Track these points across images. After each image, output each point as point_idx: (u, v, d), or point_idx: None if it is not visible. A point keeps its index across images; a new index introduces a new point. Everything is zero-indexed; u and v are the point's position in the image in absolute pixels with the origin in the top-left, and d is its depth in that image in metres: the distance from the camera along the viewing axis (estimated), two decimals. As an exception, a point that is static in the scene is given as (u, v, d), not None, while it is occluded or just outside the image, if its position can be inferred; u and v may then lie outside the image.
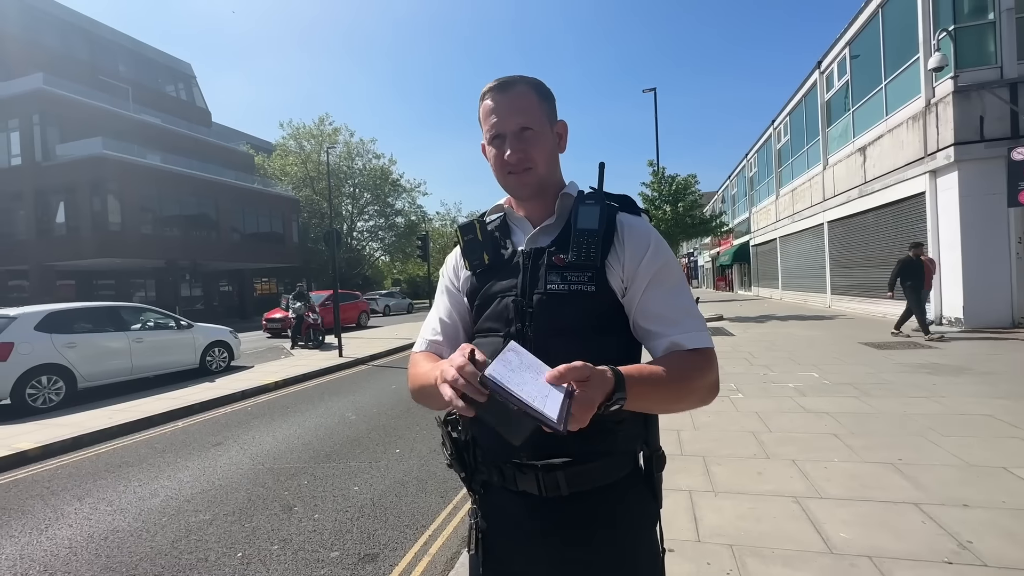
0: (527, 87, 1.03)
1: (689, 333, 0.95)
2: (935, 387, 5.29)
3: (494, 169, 1.05)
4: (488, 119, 1.03)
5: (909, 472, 3.20)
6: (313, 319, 13.04)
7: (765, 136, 23.30)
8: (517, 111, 1.00)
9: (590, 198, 1.02)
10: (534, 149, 1.01)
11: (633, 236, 1.00)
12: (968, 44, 9.53)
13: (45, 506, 3.73)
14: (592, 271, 0.97)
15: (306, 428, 5.56)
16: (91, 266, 22.95)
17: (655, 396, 0.88)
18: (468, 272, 1.10)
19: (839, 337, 9.42)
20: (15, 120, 22.33)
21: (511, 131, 1.00)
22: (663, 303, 0.97)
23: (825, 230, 16.03)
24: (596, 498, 0.95)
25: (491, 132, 1.02)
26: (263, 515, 3.39)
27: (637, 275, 0.98)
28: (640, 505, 1.00)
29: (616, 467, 0.96)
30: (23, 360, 6.80)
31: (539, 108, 1.03)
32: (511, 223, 1.13)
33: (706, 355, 0.95)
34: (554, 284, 0.97)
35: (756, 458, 3.62)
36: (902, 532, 2.50)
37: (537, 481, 0.93)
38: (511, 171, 1.02)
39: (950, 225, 9.60)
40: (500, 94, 1.02)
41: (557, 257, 0.99)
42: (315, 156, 35.46)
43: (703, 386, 0.94)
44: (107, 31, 27.18)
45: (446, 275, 1.19)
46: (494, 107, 1.02)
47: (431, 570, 2.70)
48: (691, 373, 0.92)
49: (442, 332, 1.11)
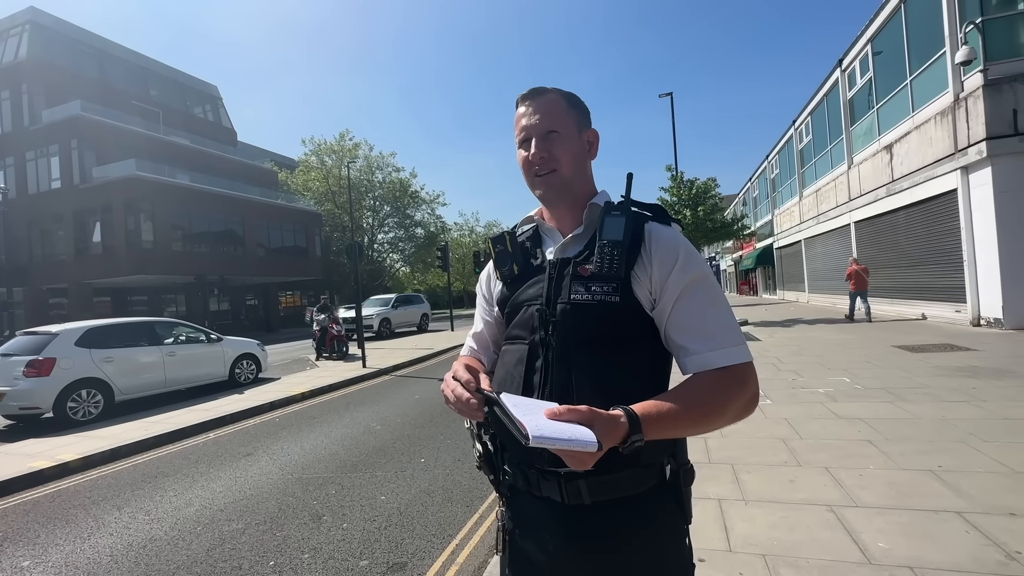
0: (557, 95, 1.06)
1: (721, 349, 0.92)
2: (975, 391, 5.09)
3: (523, 172, 1.08)
4: (518, 124, 1.06)
5: (950, 480, 3.08)
6: (337, 331, 13.25)
7: (786, 137, 22.91)
8: (544, 115, 1.03)
9: (616, 208, 1.02)
10: (558, 150, 1.02)
11: (661, 247, 0.98)
12: (997, 36, 9.25)
13: (87, 515, 3.87)
14: (616, 282, 0.96)
15: (332, 438, 5.64)
16: (125, 283, 23.85)
17: (680, 426, 0.87)
18: (499, 282, 1.15)
19: (870, 340, 9.14)
20: (55, 145, 23.49)
21: (537, 133, 1.03)
22: (694, 316, 0.95)
23: (852, 231, 15.62)
24: (619, 509, 0.93)
25: (520, 135, 1.06)
26: (293, 524, 3.45)
27: (666, 287, 0.96)
28: (666, 519, 0.97)
29: (640, 479, 0.93)
30: (64, 375, 7.09)
31: (567, 114, 1.05)
32: (542, 233, 1.15)
33: (738, 372, 0.92)
34: (578, 294, 0.98)
35: (787, 466, 3.53)
36: (945, 542, 2.40)
37: (559, 488, 0.93)
38: (536, 172, 1.04)
39: (985, 222, 9.26)
40: (530, 100, 1.05)
41: (582, 267, 1.00)
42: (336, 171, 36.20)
43: (737, 405, 0.91)
44: (140, 58, 28.47)
45: (480, 287, 1.25)
46: (524, 112, 1.05)
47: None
48: (720, 395, 0.90)
49: (477, 343, 1.23)
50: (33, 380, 6.86)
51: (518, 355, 1.03)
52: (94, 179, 23.01)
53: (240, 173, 29.56)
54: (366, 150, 38.64)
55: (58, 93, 23.87)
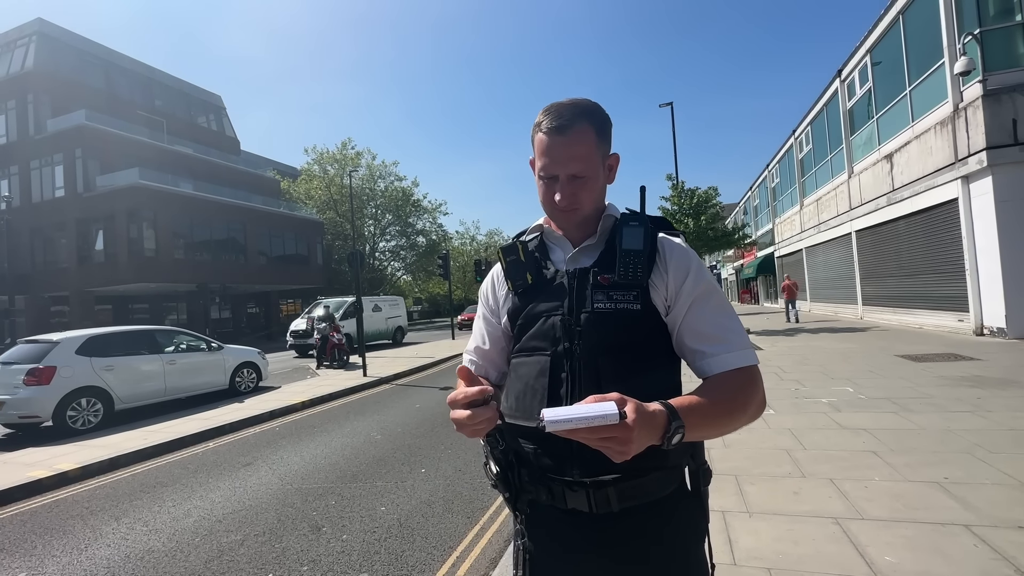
0: (587, 126, 0.99)
1: (736, 351, 0.97)
2: (980, 401, 5.05)
3: (542, 201, 1.06)
4: (542, 157, 1.01)
5: (957, 492, 3.04)
6: (338, 339, 13.23)
7: (786, 146, 23.00)
8: (572, 158, 0.99)
9: (634, 220, 1.04)
10: (584, 194, 1.01)
11: (675, 256, 1.02)
12: (996, 46, 9.31)
13: (85, 526, 3.84)
14: (637, 290, 0.98)
15: (332, 448, 5.61)
16: (127, 291, 23.88)
17: (709, 422, 0.89)
18: (509, 292, 1.12)
19: (873, 350, 9.10)
20: (60, 154, 23.64)
21: (564, 177, 1.00)
22: (709, 322, 0.99)
23: (853, 239, 15.62)
24: (646, 514, 0.95)
25: (543, 171, 1.02)
26: (292, 536, 3.41)
27: (680, 295, 0.99)
28: (690, 519, 1.01)
29: (666, 481, 0.97)
30: (65, 383, 7.07)
31: (595, 152, 1.00)
32: (549, 242, 1.14)
33: (753, 373, 0.96)
34: (600, 303, 0.98)
35: (791, 477, 3.50)
36: (953, 556, 2.37)
37: (588, 498, 0.93)
38: (559, 209, 1.03)
39: (987, 231, 9.25)
40: (558, 136, 0.98)
41: (602, 277, 1.01)
42: (338, 179, 36.43)
43: (754, 404, 0.95)
44: (144, 68, 28.75)
45: (484, 298, 1.20)
46: (549, 147, 0.99)
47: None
48: (742, 393, 0.94)
49: (482, 358, 1.18)
50: (33, 388, 6.84)
51: (539, 367, 1.01)
52: (98, 188, 23.15)
53: (243, 182, 29.71)
54: (368, 159, 38.95)
55: (63, 102, 24.07)
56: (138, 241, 22.53)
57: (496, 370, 1.17)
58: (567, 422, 0.70)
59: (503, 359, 1.15)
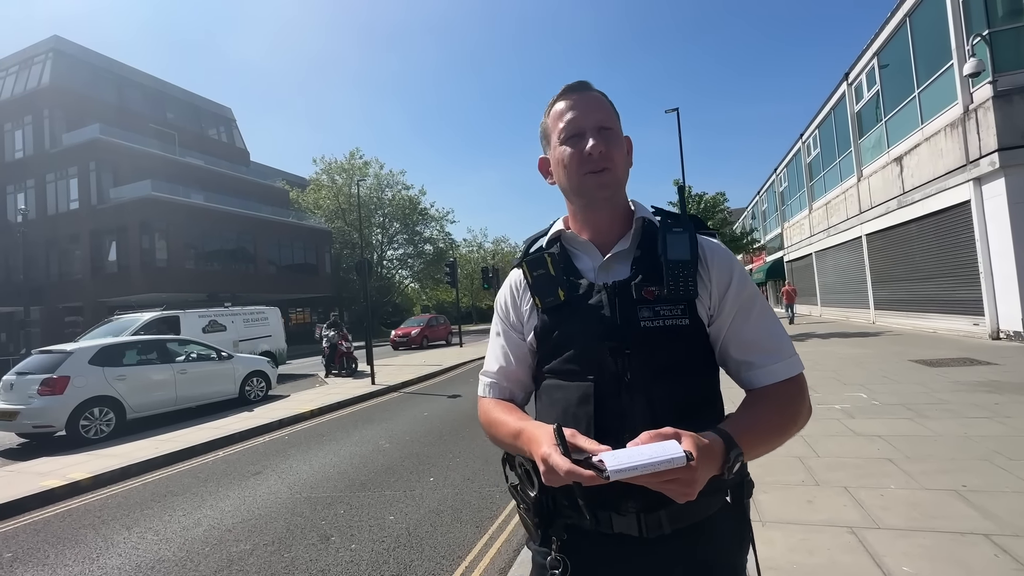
0: (601, 95, 0.99)
1: (784, 361, 0.92)
2: (998, 407, 4.95)
3: (567, 172, 0.96)
4: (563, 117, 0.96)
5: (976, 500, 2.97)
6: (346, 347, 13.29)
7: (794, 150, 22.89)
8: (597, 109, 0.96)
9: (678, 224, 0.96)
10: (615, 150, 0.94)
11: (717, 262, 0.95)
12: (1005, 47, 9.23)
13: (96, 535, 3.86)
14: (685, 303, 0.91)
15: (341, 456, 5.61)
16: (139, 301, 24.12)
17: (764, 440, 0.86)
18: (535, 308, 1.00)
19: (887, 355, 8.97)
20: (74, 167, 24.13)
21: (591, 127, 0.93)
22: (757, 331, 0.93)
23: (864, 243, 15.47)
24: (698, 532, 0.89)
25: (568, 130, 0.94)
26: (301, 545, 3.41)
27: (725, 302, 0.93)
28: (737, 532, 0.95)
29: (715, 499, 0.91)
30: (78, 393, 7.14)
31: (617, 119, 0.99)
32: (573, 248, 1.03)
33: (801, 382, 0.93)
34: (648, 320, 0.89)
35: (805, 485, 3.44)
36: (973, 567, 2.31)
37: (638, 522, 0.86)
38: (591, 170, 0.93)
39: (1001, 233, 9.12)
40: (578, 94, 0.97)
41: (647, 290, 0.91)
42: (347, 189, 36.71)
43: (803, 415, 0.91)
44: (156, 82, 29.33)
45: (503, 312, 1.09)
46: (572, 104, 0.96)
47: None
48: (792, 405, 0.90)
49: (508, 379, 1.06)
50: (47, 398, 6.92)
51: (580, 393, 0.91)
52: (111, 200, 23.55)
53: (252, 192, 30.09)
54: (376, 168, 39.20)
55: (78, 117, 24.59)
56: (150, 252, 22.87)
57: (523, 390, 1.08)
58: (632, 470, 0.65)
59: (529, 377, 1.06)
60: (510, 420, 0.95)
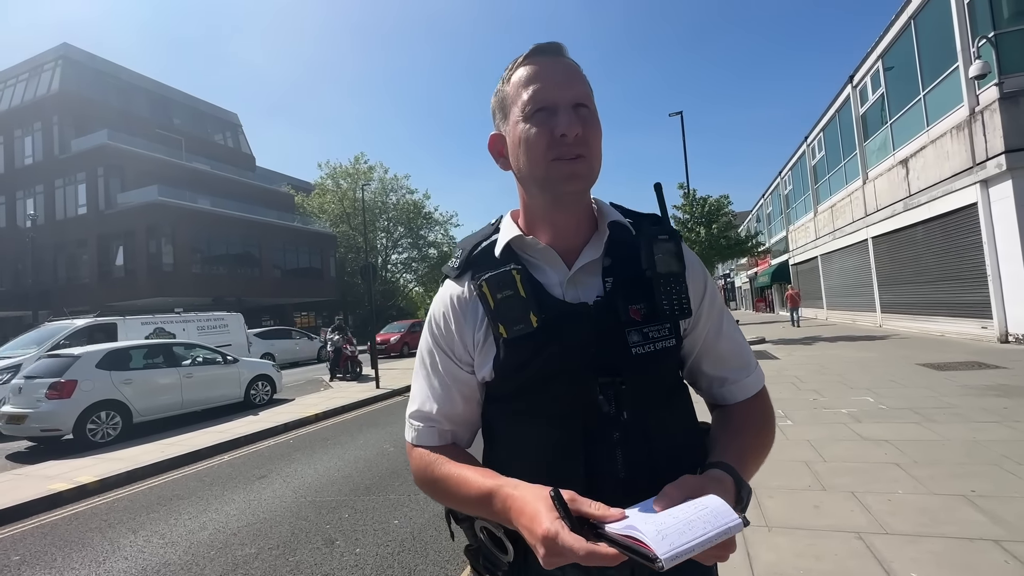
0: (576, 64, 0.79)
1: (754, 373, 0.88)
2: (1007, 411, 4.90)
3: (530, 156, 0.76)
4: (529, 86, 0.75)
5: (985, 505, 2.94)
6: (350, 351, 13.31)
7: (799, 153, 22.83)
8: (573, 80, 0.76)
9: (663, 232, 0.82)
10: (591, 132, 0.75)
11: (694, 269, 0.85)
12: (1012, 49, 9.18)
13: (103, 539, 3.88)
14: (671, 322, 0.80)
15: (346, 460, 5.62)
16: (146, 305, 24.31)
17: (756, 462, 0.81)
18: (492, 336, 0.80)
19: (894, 358, 8.90)
20: (82, 173, 24.41)
21: (566, 102, 0.74)
22: (731, 345, 0.88)
23: (870, 246, 15.38)
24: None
25: (535, 103, 0.74)
26: (306, 549, 3.41)
27: (700, 314, 0.85)
28: None
29: None
30: (85, 397, 7.19)
31: (591, 93, 0.79)
32: (530, 256, 0.83)
33: (765, 392, 0.89)
34: (638, 346, 0.77)
35: (811, 490, 3.41)
36: (983, 572, 2.28)
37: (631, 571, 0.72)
38: (562, 156, 0.74)
39: (1008, 236, 9.05)
40: (550, 58, 0.77)
41: (632, 309, 0.78)
42: (351, 193, 36.91)
43: (774, 425, 0.88)
44: (164, 88, 29.66)
45: (441, 342, 0.84)
46: (539, 72, 0.76)
47: (473, 608, 2.63)
48: (769, 419, 0.87)
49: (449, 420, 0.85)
50: (55, 402, 6.97)
51: (564, 436, 0.76)
52: (118, 205, 23.80)
53: (258, 197, 30.31)
54: (380, 172, 39.42)
55: (86, 123, 24.89)
56: (157, 256, 23.08)
57: (470, 431, 0.89)
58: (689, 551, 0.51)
59: (477, 414, 0.87)
60: (472, 477, 0.75)
